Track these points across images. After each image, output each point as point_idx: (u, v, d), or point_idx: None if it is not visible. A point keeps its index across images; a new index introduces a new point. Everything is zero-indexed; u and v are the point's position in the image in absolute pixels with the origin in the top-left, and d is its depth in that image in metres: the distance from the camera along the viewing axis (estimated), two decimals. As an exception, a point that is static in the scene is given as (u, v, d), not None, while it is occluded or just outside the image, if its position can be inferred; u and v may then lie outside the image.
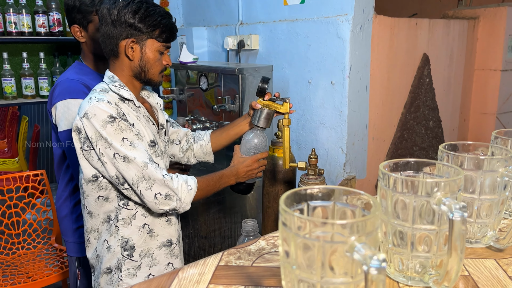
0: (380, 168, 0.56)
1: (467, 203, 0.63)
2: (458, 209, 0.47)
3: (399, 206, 0.53)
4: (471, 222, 0.64)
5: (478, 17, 2.79)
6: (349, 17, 1.99)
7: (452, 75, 2.71)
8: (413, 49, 2.38)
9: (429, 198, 0.51)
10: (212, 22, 2.67)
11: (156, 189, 1.11)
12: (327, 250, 0.40)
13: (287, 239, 0.43)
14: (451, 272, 0.50)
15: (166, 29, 1.20)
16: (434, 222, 0.52)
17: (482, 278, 0.57)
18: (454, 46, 2.66)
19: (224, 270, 0.59)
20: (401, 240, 0.54)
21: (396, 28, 2.26)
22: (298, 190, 0.48)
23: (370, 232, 0.41)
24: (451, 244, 0.49)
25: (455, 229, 0.48)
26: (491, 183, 0.61)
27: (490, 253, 0.63)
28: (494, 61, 2.79)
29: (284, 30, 2.23)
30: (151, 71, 1.22)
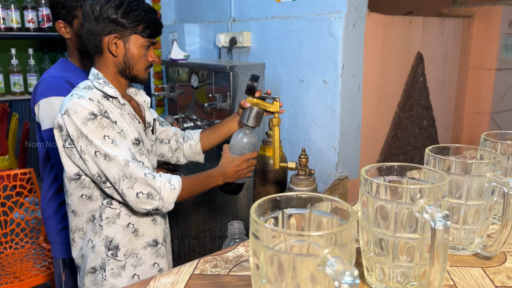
0: (361, 173, 0.53)
1: (454, 209, 0.61)
2: (440, 218, 0.45)
3: (381, 214, 0.51)
4: (458, 228, 0.62)
5: (473, 15, 2.77)
6: (342, 14, 1.96)
7: (447, 74, 2.69)
8: (407, 48, 2.36)
9: (412, 205, 0.49)
10: (204, 19, 2.64)
11: (138, 188, 1.09)
12: (298, 263, 0.38)
13: (257, 252, 0.40)
14: (434, 282, 0.47)
15: (150, 24, 1.18)
16: (416, 230, 0.49)
17: (467, 287, 0.54)
18: (448, 45, 2.64)
19: (199, 279, 0.57)
20: (382, 249, 0.52)
21: (389, 26, 2.23)
22: (272, 197, 0.45)
23: (345, 243, 0.38)
24: (434, 254, 0.46)
25: (437, 238, 0.45)
26: (479, 188, 0.59)
27: (477, 261, 0.61)
28: (489, 60, 2.77)
29: (277, 27, 2.20)
30: (136, 67, 1.20)
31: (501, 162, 0.61)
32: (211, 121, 2.12)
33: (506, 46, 2.79)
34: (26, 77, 2.56)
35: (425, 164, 0.64)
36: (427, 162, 0.64)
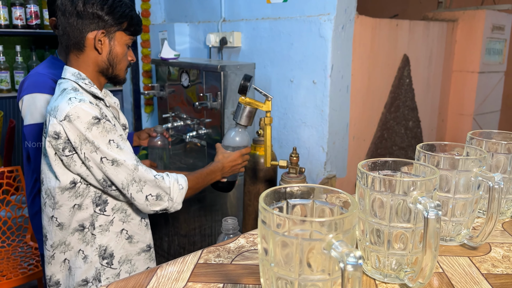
0: (358, 167, 0.56)
1: (443, 202, 0.64)
2: (433, 208, 0.48)
3: (377, 205, 0.54)
4: (446, 221, 0.65)
5: (457, 19, 2.85)
6: (331, 16, 2.00)
7: (431, 76, 2.76)
8: (394, 50, 2.42)
9: (406, 197, 0.52)
10: (194, 19, 2.65)
11: (147, 191, 1.09)
12: (305, 247, 0.41)
13: (266, 237, 0.43)
14: (426, 269, 0.51)
15: (134, 22, 1.16)
16: (410, 220, 0.53)
17: (456, 275, 0.58)
18: (433, 48, 2.71)
19: (203, 268, 0.59)
20: (378, 238, 0.55)
21: (377, 29, 2.28)
22: (277, 188, 0.48)
23: (347, 230, 0.41)
24: (426, 242, 0.50)
25: (429, 227, 0.49)
26: (466, 182, 0.63)
27: (464, 251, 0.65)
28: (472, 63, 2.85)
29: (267, 28, 2.23)
30: (119, 66, 1.17)
31: (486, 159, 0.65)
32: (201, 120, 2.14)
33: (488, 50, 2.88)
34: (13, 74, 2.54)
35: (416, 160, 0.68)
36: (418, 158, 0.67)
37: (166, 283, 0.55)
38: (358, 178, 0.56)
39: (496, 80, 3.06)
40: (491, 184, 0.59)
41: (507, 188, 0.75)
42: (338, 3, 2.00)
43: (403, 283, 0.55)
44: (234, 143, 1.50)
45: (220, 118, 2.06)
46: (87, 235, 1.12)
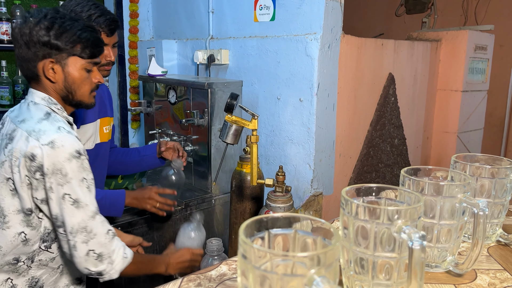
0: (342, 195, 0.56)
1: (428, 228, 0.64)
2: (417, 238, 0.48)
3: (361, 233, 0.53)
4: (431, 247, 0.65)
5: (441, 39, 2.90)
6: (317, 36, 2.02)
7: (416, 95, 2.80)
8: (379, 69, 2.45)
9: (390, 226, 0.51)
10: (183, 36, 2.66)
11: (92, 245, 1.00)
12: (285, 283, 0.40)
13: (245, 272, 0.42)
14: (411, 300, 0.50)
15: (88, 44, 1.08)
16: (394, 249, 0.52)
17: (441, 304, 0.57)
18: (418, 67, 2.75)
19: (184, 298, 0.57)
20: (362, 268, 0.54)
21: (363, 48, 2.31)
22: (259, 218, 0.47)
23: (330, 264, 0.40)
24: (411, 272, 0.49)
25: (414, 257, 0.48)
26: (450, 208, 0.63)
27: (450, 278, 0.64)
28: (455, 82, 2.90)
29: (254, 46, 2.24)
30: (79, 91, 1.10)
31: (471, 184, 0.65)
32: (188, 136, 2.13)
33: (471, 69, 2.93)
34: (-3, 89, 2.50)
35: (400, 184, 0.67)
36: (402, 183, 0.67)
37: (145, 315, 0.53)
38: (342, 205, 0.55)
39: (479, 98, 3.12)
40: (476, 210, 0.59)
41: (491, 212, 0.75)
42: (324, 22, 2.02)
43: (388, 313, 0.54)
44: (189, 241, 1.49)
45: (207, 135, 2.04)
46: (21, 267, 1.06)
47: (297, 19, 2.11)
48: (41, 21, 1.02)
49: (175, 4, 2.69)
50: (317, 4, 2.03)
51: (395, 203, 0.57)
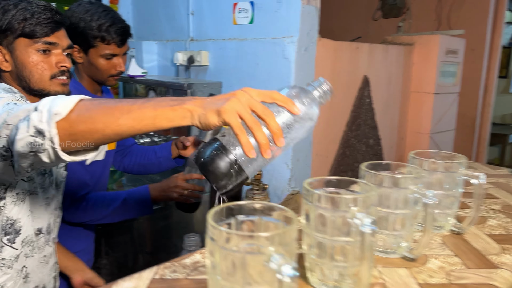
0: (304, 185, 0.61)
1: (384, 217, 0.70)
2: (368, 223, 0.53)
3: (321, 220, 0.59)
4: (388, 234, 0.71)
5: (414, 43, 3.00)
6: (294, 39, 2.08)
7: (391, 96, 2.89)
8: (354, 71, 2.53)
9: (346, 213, 0.57)
10: (163, 37, 2.69)
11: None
12: (248, 260, 0.45)
13: (213, 252, 0.47)
14: (363, 278, 0.56)
15: (35, 21, 0.98)
16: (350, 234, 0.58)
17: (395, 285, 0.63)
18: (392, 70, 2.85)
19: (158, 283, 0.62)
20: (322, 251, 0.60)
21: (339, 51, 2.39)
22: (227, 205, 0.52)
23: (287, 243, 0.46)
24: (363, 254, 0.55)
25: (365, 240, 0.54)
26: (404, 199, 0.69)
27: (404, 263, 0.70)
28: (428, 85, 3.00)
29: (233, 48, 2.29)
30: (34, 78, 1.00)
31: (425, 177, 0.71)
32: (168, 137, 2.16)
33: (443, 72, 3.04)
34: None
35: (361, 178, 0.73)
36: (363, 176, 0.73)
37: (122, 298, 0.58)
38: (304, 196, 0.61)
39: (451, 100, 3.24)
40: (425, 200, 0.65)
41: (445, 204, 0.81)
42: (301, 26, 2.09)
43: (346, 293, 0.60)
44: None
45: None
46: None
47: (275, 23, 2.17)
48: None
49: (155, 6, 2.72)
50: (294, 8, 2.09)
51: (352, 193, 0.63)
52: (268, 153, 0.62)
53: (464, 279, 0.65)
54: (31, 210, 0.99)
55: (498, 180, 1.19)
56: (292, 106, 0.68)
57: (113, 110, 0.68)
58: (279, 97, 0.68)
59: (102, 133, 0.68)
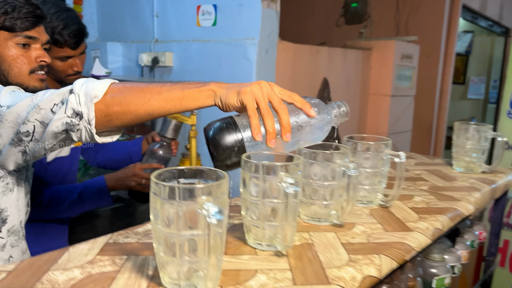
0: (243, 157, 0.69)
1: (316, 189, 0.79)
2: (290, 185, 0.62)
3: (255, 186, 0.68)
4: (320, 204, 0.80)
5: (372, 48, 3.17)
6: (255, 41, 2.18)
7: (350, 98, 3.04)
8: (314, 73, 2.65)
9: (276, 178, 0.66)
10: (127, 38, 2.74)
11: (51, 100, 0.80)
12: (184, 209, 0.53)
13: (155, 205, 0.54)
14: (287, 234, 0.65)
15: (16, 15, 0.99)
16: (279, 198, 0.67)
17: (321, 244, 0.72)
18: (351, 73, 2.99)
19: (112, 246, 0.69)
20: (255, 214, 0.68)
21: (299, 54, 2.50)
22: (168, 169, 0.60)
23: (217, 196, 0.54)
24: (286, 214, 0.64)
25: (289, 200, 0.63)
26: (332, 172, 0.78)
27: (333, 229, 0.80)
28: (385, 87, 3.17)
29: (197, 50, 2.37)
30: (13, 71, 1.01)
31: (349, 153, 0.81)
32: (131, 135, 2.21)
33: (399, 76, 3.22)
34: None
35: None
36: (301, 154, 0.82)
37: (77, 257, 0.64)
38: (242, 165, 0.69)
39: (407, 103, 3.41)
40: (348, 172, 0.75)
41: (374, 181, 0.92)
42: (261, 29, 2.19)
43: (277, 250, 0.69)
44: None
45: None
46: None
47: (237, 25, 2.26)
48: None
49: (120, 8, 2.77)
50: (255, 12, 2.20)
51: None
52: (273, 142, 0.71)
53: (381, 239, 0.75)
54: (17, 201, 1.02)
55: (431, 168, 1.32)
56: (309, 109, 0.76)
57: (144, 92, 0.75)
58: (299, 99, 0.76)
59: (135, 113, 0.75)
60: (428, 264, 1.04)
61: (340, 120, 0.85)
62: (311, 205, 0.81)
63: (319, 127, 0.81)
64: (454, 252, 1.13)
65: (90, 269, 0.61)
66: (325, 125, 0.82)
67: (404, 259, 0.72)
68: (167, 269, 0.56)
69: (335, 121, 0.84)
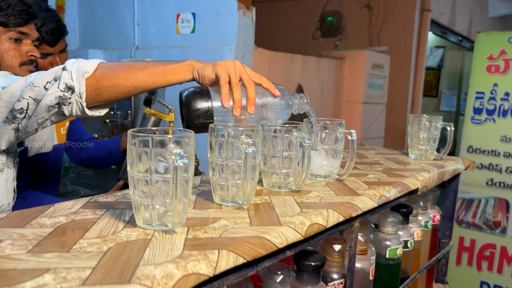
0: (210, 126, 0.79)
1: (275, 157, 0.90)
2: (248, 145, 0.73)
3: (220, 148, 0.78)
4: (279, 173, 0.91)
5: (345, 57, 3.33)
6: (232, 47, 2.30)
7: (324, 105, 3.18)
8: (289, 79, 2.78)
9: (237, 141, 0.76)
10: (109, 46, 2.83)
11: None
12: (155, 156, 0.62)
13: (132, 152, 0.64)
14: (246, 190, 0.75)
15: (10, 12, 1.10)
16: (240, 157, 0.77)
17: (278, 202, 0.82)
18: (324, 80, 3.14)
19: (93, 203, 0.78)
20: (220, 173, 0.78)
21: (274, 61, 2.64)
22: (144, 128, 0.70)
23: (184, 146, 0.64)
24: (246, 172, 0.74)
25: (248, 160, 0.73)
26: (289, 142, 0.89)
27: (291, 193, 0.90)
28: (357, 95, 3.33)
29: (177, 56, 2.48)
30: (4, 64, 1.10)
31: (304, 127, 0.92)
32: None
33: (371, 84, 3.38)
34: None
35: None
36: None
37: (62, 210, 0.73)
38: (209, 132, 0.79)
39: (379, 110, 3.58)
40: (303, 142, 0.86)
41: (329, 156, 1.03)
42: (237, 35, 2.32)
43: (239, 204, 0.79)
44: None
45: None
46: None
47: (214, 32, 2.39)
48: None
49: (101, 16, 2.87)
50: (231, 19, 2.33)
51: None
52: (238, 111, 0.84)
53: (332, 200, 0.85)
54: (7, 181, 1.10)
55: (389, 156, 1.44)
56: (274, 89, 0.91)
57: (131, 68, 0.85)
58: (266, 81, 0.91)
59: (122, 86, 0.85)
60: (382, 237, 1.15)
61: (301, 107, 0.97)
62: (272, 174, 0.92)
63: (281, 108, 0.94)
64: (407, 229, 1.24)
65: (73, 217, 0.70)
66: (286, 108, 0.95)
67: (350, 215, 0.82)
68: (141, 211, 0.65)
69: (296, 106, 0.96)
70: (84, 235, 0.62)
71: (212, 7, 2.39)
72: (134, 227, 0.67)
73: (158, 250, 0.57)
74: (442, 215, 1.48)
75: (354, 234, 0.89)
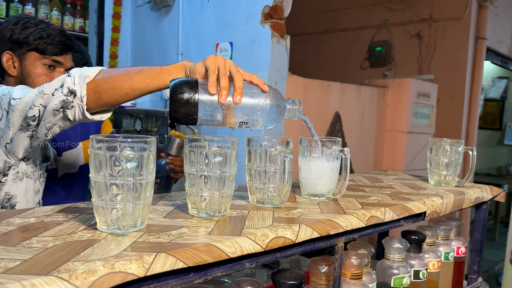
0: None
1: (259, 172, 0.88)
2: (216, 156, 0.73)
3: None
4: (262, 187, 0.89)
5: (388, 86, 3.25)
6: (265, 73, 2.34)
7: (364, 133, 3.09)
8: (326, 107, 2.75)
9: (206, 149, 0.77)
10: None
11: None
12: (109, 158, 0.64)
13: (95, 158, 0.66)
14: (214, 201, 0.74)
15: (48, 41, 1.20)
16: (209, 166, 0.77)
17: (254, 216, 0.80)
18: (365, 109, 3.07)
19: (72, 208, 0.81)
20: (191, 183, 0.78)
21: (309, 87, 2.63)
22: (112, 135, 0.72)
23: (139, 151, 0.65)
24: (212, 182, 0.74)
25: (213, 170, 0.73)
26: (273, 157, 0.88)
27: (274, 209, 0.87)
28: (401, 124, 3.21)
29: (213, 83, 2.56)
30: (34, 87, 1.12)
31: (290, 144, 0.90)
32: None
33: (415, 113, 3.25)
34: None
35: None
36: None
37: (37, 213, 0.77)
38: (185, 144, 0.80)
39: (425, 140, 3.41)
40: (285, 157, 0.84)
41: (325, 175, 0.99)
42: (271, 62, 2.36)
43: (209, 216, 0.78)
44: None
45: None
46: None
47: (250, 59, 2.45)
48: (11, 20, 1.23)
49: (150, 47, 3.06)
50: (265, 47, 2.38)
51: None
52: (224, 99, 0.82)
53: (311, 217, 0.81)
54: (26, 190, 1.18)
55: (408, 182, 1.36)
56: (264, 85, 0.90)
57: (129, 71, 0.92)
58: (257, 78, 0.93)
59: (120, 88, 0.90)
60: (387, 264, 1.07)
61: (294, 114, 0.94)
62: (255, 188, 0.90)
63: (270, 109, 0.90)
64: (420, 258, 1.15)
65: (44, 219, 0.73)
66: (276, 109, 0.91)
67: (328, 233, 0.78)
68: (99, 214, 0.67)
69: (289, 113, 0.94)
70: (41, 234, 0.64)
71: (248, 36, 2.46)
72: (94, 230, 0.68)
73: (99, 249, 0.58)
74: (470, 248, 1.36)
75: (338, 255, 0.84)
